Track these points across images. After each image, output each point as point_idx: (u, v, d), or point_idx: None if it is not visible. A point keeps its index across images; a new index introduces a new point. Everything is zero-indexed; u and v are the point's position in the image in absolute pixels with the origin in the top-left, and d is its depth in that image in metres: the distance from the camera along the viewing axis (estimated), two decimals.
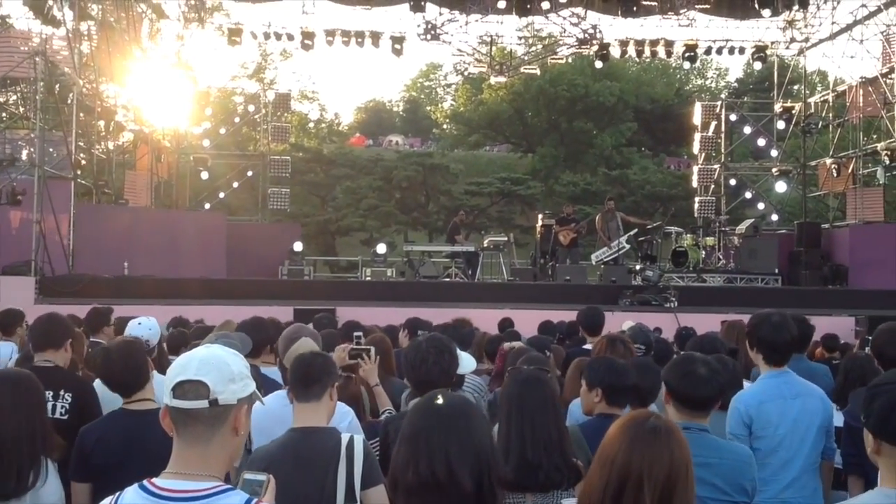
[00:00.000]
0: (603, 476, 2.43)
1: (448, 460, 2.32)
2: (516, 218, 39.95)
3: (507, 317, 10.23)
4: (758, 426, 4.34)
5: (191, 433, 2.28)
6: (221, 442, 2.31)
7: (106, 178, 20.05)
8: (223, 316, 6.22)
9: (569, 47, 24.42)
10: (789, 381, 4.44)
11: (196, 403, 2.26)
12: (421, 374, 3.93)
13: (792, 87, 29.40)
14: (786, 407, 4.35)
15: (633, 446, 2.44)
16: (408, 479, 2.32)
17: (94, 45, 19.57)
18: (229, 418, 2.31)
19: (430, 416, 2.42)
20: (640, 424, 2.56)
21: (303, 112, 54.22)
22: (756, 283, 18.65)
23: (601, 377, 4.04)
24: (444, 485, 2.29)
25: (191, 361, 2.31)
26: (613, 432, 2.55)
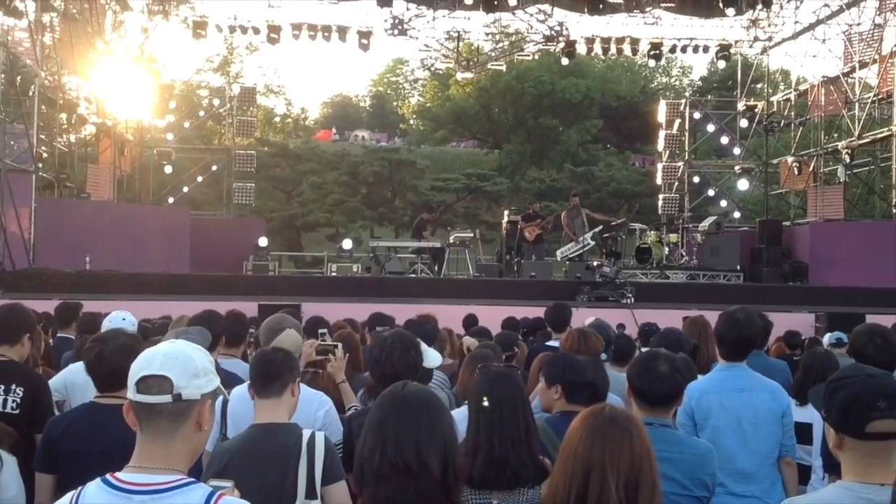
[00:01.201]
0: (566, 470, 2.46)
1: (417, 447, 2.38)
2: (482, 214, 40.02)
3: (472, 313, 10.25)
4: (698, 416, 4.43)
5: (154, 428, 2.28)
6: (185, 437, 2.31)
7: (68, 171, 19.83)
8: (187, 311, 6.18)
9: (535, 44, 24.50)
10: (738, 376, 4.51)
11: (159, 398, 2.26)
12: (386, 369, 3.94)
13: (755, 86, 29.74)
14: (728, 400, 4.41)
15: (594, 438, 2.48)
16: (374, 466, 2.35)
17: (57, 36, 19.29)
18: (193, 413, 2.31)
19: (397, 405, 2.46)
20: (598, 416, 2.60)
21: (268, 106, 53.93)
22: (718, 279, 18.84)
23: (560, 374, 4.06)
24: (413, 470, 2.33)
25: (155, 356, 2.31)
26: (574, 426, 2.59)
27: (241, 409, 3.81)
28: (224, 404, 4.15)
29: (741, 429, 4.38)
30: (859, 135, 20.65)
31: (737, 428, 4.38)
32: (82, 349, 5.57)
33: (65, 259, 16.11)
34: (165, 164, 23.85)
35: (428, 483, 2.35)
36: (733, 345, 4.56)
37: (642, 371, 3.64)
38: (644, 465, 2.51)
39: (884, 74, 19.84)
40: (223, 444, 3.64)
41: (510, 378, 3.49)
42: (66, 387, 4.91)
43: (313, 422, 4.15)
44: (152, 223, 19.67)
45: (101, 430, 3.64)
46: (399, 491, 2.34)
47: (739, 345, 4.56)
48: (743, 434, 4.38)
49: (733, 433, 4.37)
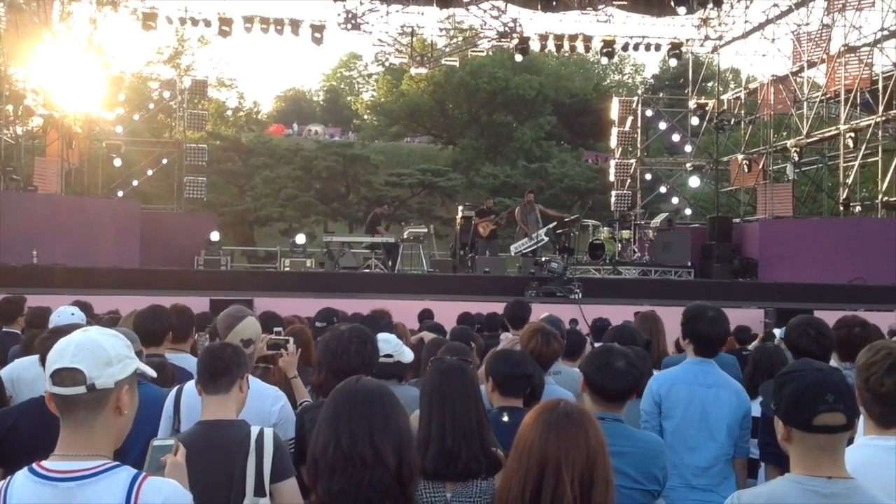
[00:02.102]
0: (521, 465, 2.46)
1: (372, 438, 2.37)
2: (436, 209, 40.07)
3: (428, 308, 10.25)
4: (666, 406, 4.47)
5: (73, 418, 2.32)
6: (105, 424, 2.35)
7: (14, 164, 19.45)
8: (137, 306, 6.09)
9: (489, 40, 24.57)
10: (708, 372, 4.55)
11: (74, 390, 2.30)
12: (342, 364, 3.90)
13: (706, 84, 30.12)
14: (696, 393, 4.45)
15: (549, 433, 2.48)
16: (328, 458, 2.34)
17: (3, 26, 18.92)
18: (110, 400, 2.35)
19: (350, 398, 2.45)
20: (553, 411, 2.60)
21: (220, 100, 53.40)
22: (670, 275, 19.04)
23: (493, 367, 4.07)
24: (367, 462, 2.33)
25: (66, 347, 2.34)
26: (528, 421, 2.59)
27: (195, 402, 3.76)
28: (177, 398, 4.10)
29: (707, 423, 4.42)
30: (807, 133, 21.02)
31: (702, 422, 4.42)
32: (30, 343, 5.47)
33: (11, 253, 15.80)
34: (115, 157, 23.49)
35: (382, 475, 2.34)
36: (708, 341, 4.59)
37: (601, 367, 3.65)
38: (598, 460, 2.53)
39: (831, 74, 20.21)
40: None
41: (462, 371, 3.49)
42: (13, 381, 4.82)
43: (268, 416, 4.10)
44: (102, 217, 19.36)
45: (47, 425, 3.58)
46: (353, 483, 2.33)
47: (713, 341, 4.61)
48: (708, 428, 4.42)
49: (699, 426, 4.42)
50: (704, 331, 4.57)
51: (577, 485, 2.45)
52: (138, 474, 2.33)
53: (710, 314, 4.59)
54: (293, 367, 4.79)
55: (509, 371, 4.00)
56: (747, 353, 7.24)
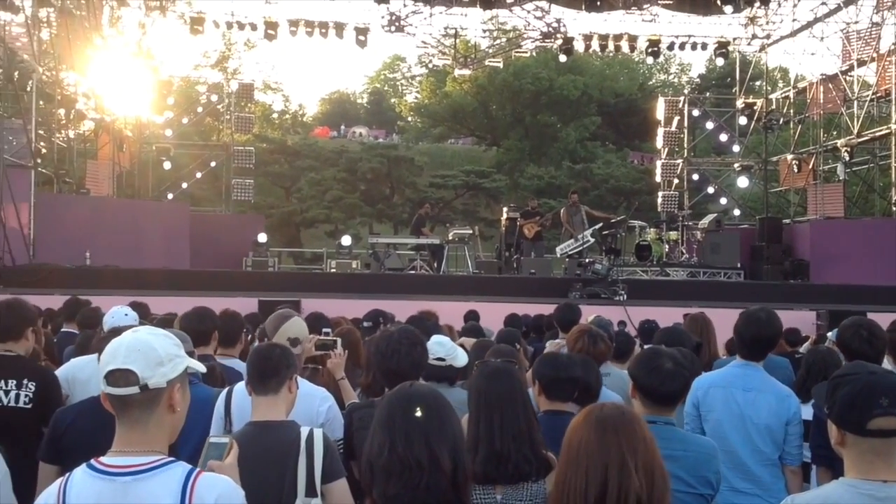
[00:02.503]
0: (580, 465, 2.44)
1: (428, 442, 2.37)
2: (481, 211, 40.03)
3: (473, 309, 10.24)
4: (703, 409, 4.45)
5: (128, 416, 2.39)
6: (158, 421, 2.42)
7: (67, 167, 19.81)
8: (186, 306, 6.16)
9: (533, 41, 24.50)
10: (750, 375, 4.48)
11: (127, 390, 2.36)
12: (392, 365, 3.92)
13: (754, 84, 29.72)
14: (734, 397, 4.40)
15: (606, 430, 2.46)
16: (383, 462, 2.35)
17: (54, 32, 19.25)
18: (163, 399, 2.41)
19: (405, 401, 2.46)
20: (604, 409, 2.58)
21: (266, 103, 53.86)
22: (719, 277, 18.83)
23: (539, 370, 4.05)
24: (423, 466, 2.33)
25: (119, 349, 2.40)
26: (579, 422, 2.56)
27: (246, 403, 3.80)
28: (227, 399, 4.15)
29: (744, 427, 4.36)
30: (858, 132, 20.66)
31: (739, 425, 4.37)
32: (85, 343, 5.56)
33: (64, 254, 16.10)
34: (164, 160, 23.83)
35: (438, 479, 2.34)
36: (753, 344, 4.53)
37: (650, 370, 3.61)
38: (656, 456, 2.51)
39: (882, 72, 19.86)
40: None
41: (508, 373, 3.48)
42: (68, 381, 4.90)
43: (316, 417, 4.13)
44: (152, 219, 19.66)
45: (105, 424, 3.64)
46: (409, 487, 2.33)
47: (759, 344, 4.54)
48: (746, 432, 4.36)
49: (735, 430, 4.36)
50: (749, 332, 4.52)
51: (643, 479, 2.43)
52: (193, 469, 2.38)
53: (760, 315, 4.54)
54: (341, 368, 4.81)
55: (555, 374, 3.98)
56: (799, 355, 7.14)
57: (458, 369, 4.66)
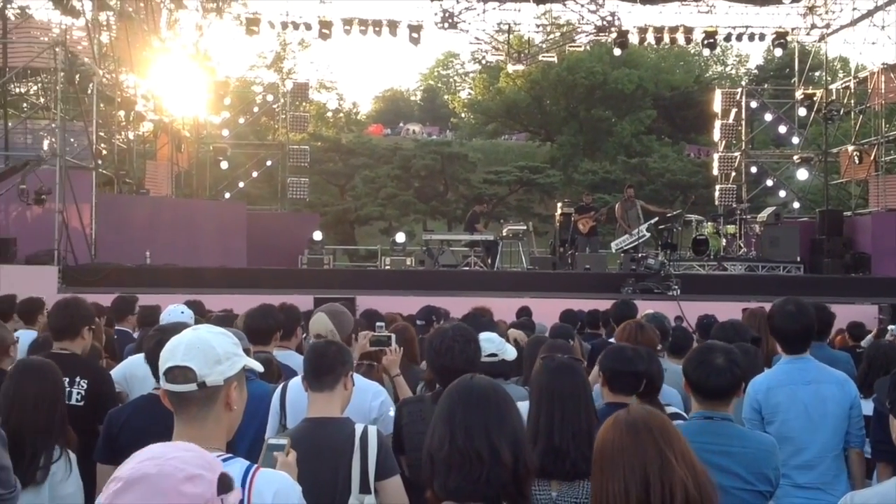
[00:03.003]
0: (617, 479, 2.35)
1: (489, 435, 2.37)
2: (535, 206, 39.87)
3: (525, 305, 10.21)
4: (766, 411, 4.38)
5: (186, 413, 2.44)
6: (216, 419, 2.46)
7: (127, 167, 20.16)
8: (244, 304, 6.25)
9: (587, 35, 24.31)
10: (805, 368, 4.43)
11: (185, 387, 2.40)
12: (445, 362, 3.94)
13: (813, 74, 29.20)
14: (796, 393, 4.35)
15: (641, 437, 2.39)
16: (444, 455, 2.35)
17: (114, 35, 19.63)
18: (220, 397, 2.45)
19: (465, 395, 2.47)
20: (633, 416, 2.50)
21: (321, 101, 54.27)
22: (778, 271, 18.53)
23: (604, 361, 4.04)
24: (484, 459, 2.33)
25: (178, 346, 2.44)
26: (609, 434, 2.47)
27: (300, 399, 3.84)
28: (283, 395, 4.20)
29: (810, 420, 4.31)
30: None
31: (805, 420, 4.32)
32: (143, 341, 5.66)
33: (125, 254, 16.39)
34: (221, 160, 24.15)
35: (500, 471, 2.34)
36: (791, 337, 4.48)
37: (699, 364, 3.59)
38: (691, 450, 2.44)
39: None
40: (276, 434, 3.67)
41: (573, 369, 3.46)
42: (126, 378, 4.99)
43: (368, 411, 4.17)
44: (209, 218, 19.93)
45: (160, 421, 3.70)
46: (470, 480, 2.33)
47: (797, 336, 4.48)
48: (811, 426, 4.31)
49: (801, 425, 4.31)
50: (782, 326, 4.47)
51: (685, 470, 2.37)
52: (251, 465, 2.41)
53: (789, 308, 4.47)
54: (396, 365, 4.83)
55: (619, 367, 3.97)
56: (861, 350, 7.01)
57: (511, 363, 4.66)
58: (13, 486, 3.31)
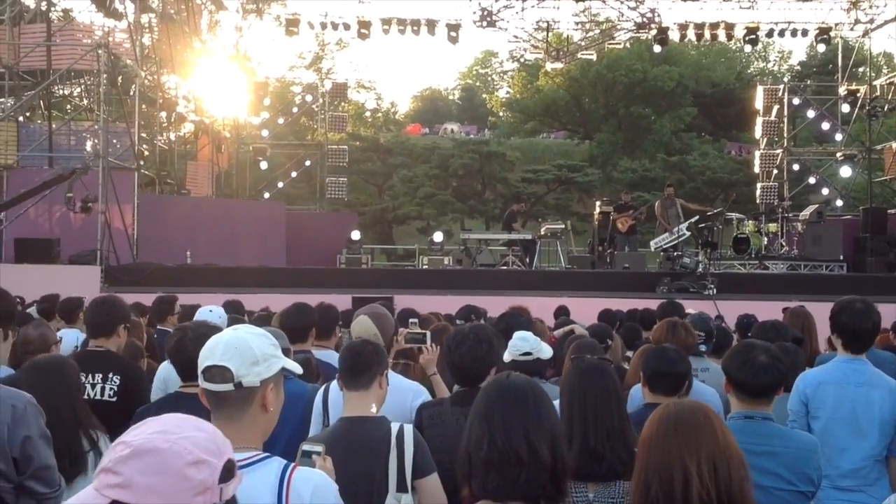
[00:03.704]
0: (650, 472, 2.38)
1: (527, 435, 2.36)
2: (574, 205, 39.69)
3: (563, 304, 10.16)
4: (813, 406, 4.33)
5: (223, 412, 2.44)
6: (252, 419, 2.46)
7: (168, 168, 20.40)
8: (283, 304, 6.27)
9: (626, 32, 24.16)
10: (859, 370, 4.35)
11: (222, 387, 2.41)
12: (455, 358, 3.97)
13: (857, 70, 28.74)
14: (846, 393, 4.28)
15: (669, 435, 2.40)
16: (483, 454, 2.35)
17: (156, 37, 19.88)
18: (256, 398, 2.46)
19: (502, 394, 2.46)
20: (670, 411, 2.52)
21: (359, 101, 54.58)
22: (820, 270, 18.26)
23: (645, 362, 4.01)
24: (523, 458, 2.32)
25: (217, 346, 2.45)
26: (649, 425, 2.52)
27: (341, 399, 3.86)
28: (325, 396, 4.22)
29: (856, 424, 4.24)
30: None
31: (852, 422, 4.25)
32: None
33: (166, 253, 16.57)
34: (261, 161, 24.35)
35: (539, 471, 2.33)
36: (859, 335, 4.40)
37: (742, 363, 3.55)
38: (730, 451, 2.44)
39: None
40: (313, 437, 3.68)
41: (603, 370, 3.44)
42: (164, 381, 5.03)
43: (410, 412, 4.17)
44: (249, 218, 20.07)
45: None
46: (509, 479, 2.32)
47: (866, 335, 4.41)
48: (857, 429, 4.24)
49: (847, 427, 4.25)
50: (850, 323, 4.38)
51: (708, 481, 2.37)
52: (288, 464, 2.43)
53: (858, 306, 4.40)
54: (433, 364, 4.82)
55: (659, 367, 3.94)
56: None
57: (546, 362, 4.64)
58: (57, 484, 3.36)
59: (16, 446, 3.16)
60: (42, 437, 3.25)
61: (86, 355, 4.68)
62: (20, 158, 17.26)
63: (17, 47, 17.06)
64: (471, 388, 3.92)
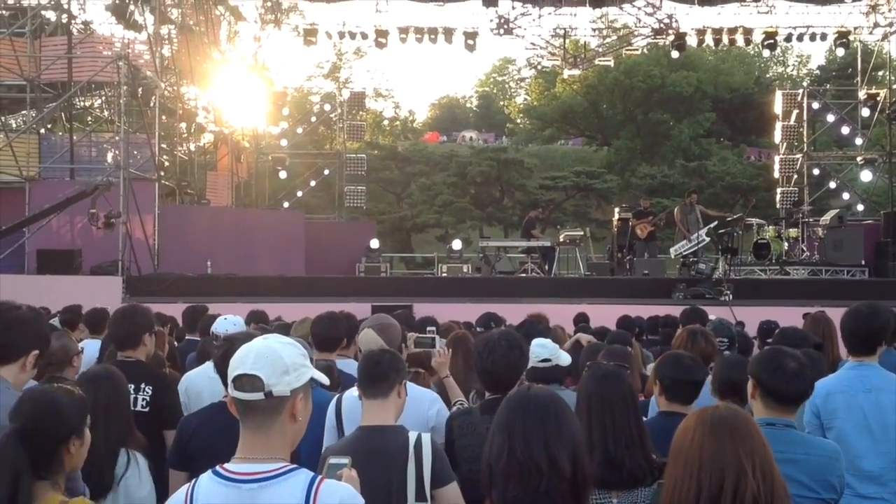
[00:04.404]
0: (692, 478, 2.37)
1: (547, 446, 2.37)
2: (592, 212, 39.58)
3: (583, 312, 10.15)
4: (825, 416, 4.29)
5: (252, 421, 2.44)
6: (281, 429, 2.45)
7: (188, 178, 20.52)
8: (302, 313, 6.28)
9: (644, 38, 24.12)
10: (868, 375, 4.34)
11: (252, 395, 2.41)
12: (487, 365, 3.94)
13: (876, 74, 28.56)
14: (856, 400, 4.26)
15: (722, 434, 2.39)
16: (503, 465, 2.35)
17: (175, 48, 20.03)
18: (286, 407, 2.45)
19: (523, 405, 2.47)
20: (718, 411, 2.51)
21: (377, 110, 54.71)
22: (842, 275, 18.14)
23: (662, 370, 3.99)
24: (543, 470, 2.33)
25: (248, 355, 2.45)
26: (689, 425, 2.49)
27: (355, 410, 3.87)
28: (338, 407, 4.22)
29: (869, 430, 4.22)
30: None
31: (864, 428, 4.22)
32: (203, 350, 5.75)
33: (187, 263, 16.65)
34: (280, 170, 24.44)
35: (558, 483, 2.34)
36: (858, 339, 4.40)
37: (774, 370, 3.49)
38: (772, 460, 2.44)
39: None
40: (332, 447, 3.67)
41: (620, 377, 3.44)
42: (186, 392, 5.04)
43: (426, 420, 4.18)
44: (268, 227, 20.15)
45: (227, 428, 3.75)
46: (529, 491, 2.33)
47: (864, 339, 4.39)
48: (871, 435, 4.22)
49: (860, 434, 4.22)
50: (852, 326, 4.38)
51: (761, 486, 2.36)
52: (315, 476, 2.43)
53: (862, 309, 4.40)
54: (445, 367, 4.85)
55: (676, 376, 3.92)
56: None
57: (564, 369, 4.64)
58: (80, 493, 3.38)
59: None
60: None
61: (117, 365, 4.69)
62: (42, 170, 17.43)
63: (38, 60, 17.23)
64: (502, 395, 3.92)
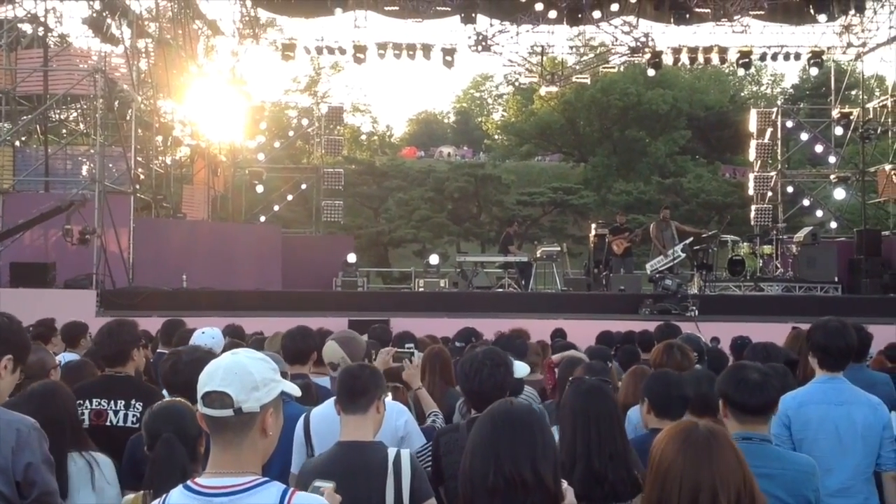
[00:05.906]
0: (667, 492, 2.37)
1: (533, 462, 2.37)
2: (569, 228, 39.78)
3: (560, 327, 10.18)
4: (796, 428, 4.34)
5: (222, 438, 2.42)
6: (251, 444, 2.44)
7: (164, 192, 20.38)
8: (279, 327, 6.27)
9: (621, 56, 24.32)
10: (838, 388, 4.40)
11: (222, 412, 2.39)
12: (474, 386, 3.92)
13: (849, 93, 28.94)
14: (828, 413, 4.31)
15: (698, 455, 2.39)
16: (489, 483, 2.35)
17: (152, 62, 19.94)
18: (256, 423, 2.43)
19: (508, 421, 2.46)
20: (694, 431, 2.51)
21: (355, 125, 54.72)
22: (815, 291, 18.30)
23: (649, 387, 4.01)
24: (529, 485, 2.32)
25: (216, 371, 2.43)
26: (665, 442, 2.49)
27: (323, 428, 3.86)
28: (305, 425, 4.20)
29: (840, 442, 4.28)
30: None
31: (835, 441, 4.28)
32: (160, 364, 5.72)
33: (162, 277, 16.53)
34: (257, 184, 24.34)
35: (543, 498, 2.34)
36: (830, 354, 4.46)
37: (737, 383, 3.56)
38: (752, 481, 2.44)
39: None
40: (309, 463, 3.66)
41: (602, 391, 3.45)
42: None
43: (395, 430, 4.20)
44: (245, 242, 20.03)
45: None
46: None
47: (838, 353, 4.46)
48: (842, 448, 4.27)
49: (831, 447, 4.27)
50: (824, 341, 4.44)
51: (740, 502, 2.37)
52: (287, 488, 2.41)
53: (832, 324, 4.47)
54: (417, 378, 4.89)
55: (666, 392, 3.94)
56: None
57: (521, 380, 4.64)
58: None
59: (19, 470, 3.15)
60: (45, 463, 3.24)
61: (107, 381, 4.63)
62: (16, 183, 17.28)
63: (13, 72, 17.12)
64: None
